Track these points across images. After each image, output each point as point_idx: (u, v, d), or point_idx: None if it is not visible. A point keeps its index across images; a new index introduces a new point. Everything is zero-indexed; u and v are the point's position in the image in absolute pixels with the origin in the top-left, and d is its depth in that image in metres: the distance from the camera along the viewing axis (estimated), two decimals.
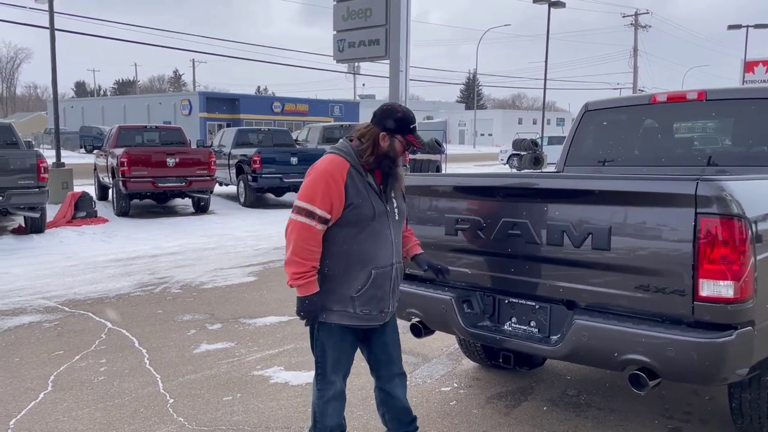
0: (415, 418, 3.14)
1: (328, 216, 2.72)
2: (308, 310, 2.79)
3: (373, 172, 2.84)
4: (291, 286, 2.76)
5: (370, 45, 15.70)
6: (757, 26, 33.05)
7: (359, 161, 2.81)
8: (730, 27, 33.79)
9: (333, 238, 2.78)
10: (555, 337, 3.12)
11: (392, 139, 2.82)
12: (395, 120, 2.81)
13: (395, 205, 2.91)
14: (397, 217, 2.91)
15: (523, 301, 3.30)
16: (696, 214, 2.67)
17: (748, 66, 30.50)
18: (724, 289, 2.64)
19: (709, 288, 2.66)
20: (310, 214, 2.69)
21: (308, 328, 2.93)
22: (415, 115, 2.91)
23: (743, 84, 27.69)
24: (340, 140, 2.96)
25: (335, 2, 14.53)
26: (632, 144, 4.84)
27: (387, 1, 14.71)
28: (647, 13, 52.56)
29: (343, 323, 2.83)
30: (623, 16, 48.77)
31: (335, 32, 13.82)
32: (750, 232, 2.68)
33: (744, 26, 33.17)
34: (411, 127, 2.84)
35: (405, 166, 3.08)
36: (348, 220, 2.76)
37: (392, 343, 3.05)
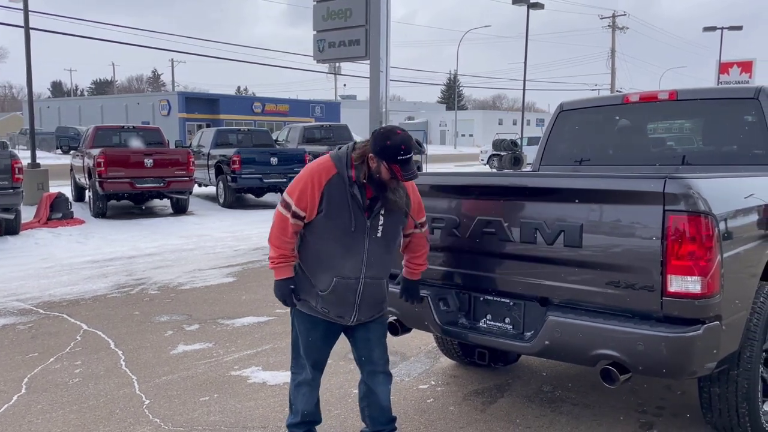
0: (393, 419, 3.15)
1: (303, 213, 2.80)
2: (277, 293, 2.94)
3: (364, 186, 2.81)
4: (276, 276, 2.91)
5: (351, 45, 15.71)
6: (731, 28, 33.63)
7: (348, 171, 2.78)
8: (705, 29, 34.33)
9: (307, 236, 2.89)
10: (529, 334, 3.17)
11: (379, 163, 2.75)
12: (383, 147, 2.73)
13: (380, 222, 2.85)
14: (379, 235, 2.86)
15: (498, 299, 3.33)
16: (664, 211, 2.72)
17: (723, 67, 31.03)
18: (692, 284, 2.70)
19: (677, 283, 2.72)
20: (287, 206, 2.82)
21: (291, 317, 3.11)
22: (410, 144, 2.75)
23: (718, 84, 28.16)
24: (349, 144, 2.92)
25: (315, 2, 14.53)
26: (606, 143, 4.91)
27: (367, 1, 14.73)
28: (624, 15, 53.27)
29: (308, 312, 2.95)
30: (601, 18, 49.32)
31: (315, 32, 13.80)
32: (717, 229, 2.74)
33: (719, 28, 33.72)
34: (398, 158, 2.71)
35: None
36: (319, 224, 2.82)
37: (375, 340, 3.07)
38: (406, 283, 3.27)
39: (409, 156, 2.75)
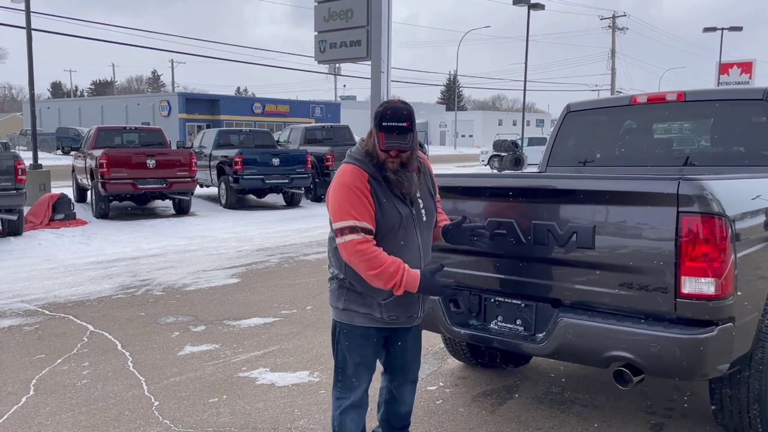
0: (407, 425, 3.08)
1: (369, 226, 2.54)
2: (432, 291, 2.57)
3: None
4: (401, 293, 2.58)
5: (352, 46, 15.73)
6: (731, 29, 33.63)
7: (375, 168, 2.60)
8: (705, 29, 34.33)
9: None
10: (541, 335, 3.16)
11: (374, 138, 2.57)
12: (375, 114, 2.56)
13: (422, 206, 2.71)
14: (424, 219, 2.72)
15: (509, 300, 3.33)
16: (678, 212, 2.72)
17: (723, 68, 31.05)
18: (706, 286, 2.70)
19: (690, 285, 2.72)
20: (353, 230, 2.51)
21: (330, 332, 2.84)
22: (400, 112, 2.52)
23: (718, 85, 28.18)
24: (351, 149, 2.72)
25: (316, 3, 14.56)
26: (613, 144, 4.92)
27: (368, 2, 14.76)
28: (624, 15, 53.30)
29: (369, 325, 2.70)
30: (601, 19, 49.32)
31: (316, 33, 13.84)
32: (730, 230, 2.74)
33: (719, 29, 33.73)
34: (383, 123, 2.51)
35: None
36: (376, 230, 2.58)
37: (411, 351, 2.92)
38: (452, 230, 2.90)
39: (394, 124, 2.50)
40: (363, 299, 2.67)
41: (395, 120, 2.51)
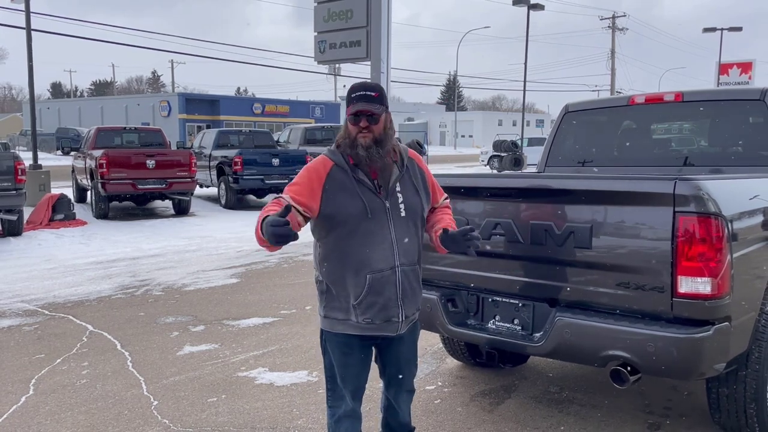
0: (412, 430, 2.99)
1: (295, 203, 2.45)
2: (268, 233, 2.23)
3: (368, 167, 2.54)
4: (269, 245, 2.31)
5: (351, 46, 15.73)
6: (731, 29, 33.63)
7: (345, 158, 2.54)
8: (705, 30, 34.34)
9: (326, 241, 2.59)
10: (538, 335, 3.17)
11: (346, 123, 2.55)
12: (346, 94, 2.57)
13: (400, 200, 2.57)
14: (403, 214, 2.57)
15: (507, 300, 3.34)
16: (674, 212, 2.74)
17: (723, 68, 31.04)
18: (702, 285, 2.71)
19: (687, 285, 2.74)
20: (278, 198, 2.51)
21: (319, 340, 2.75)
22: (367, 84, 2.55)
23: (718, 85, 28.18)
24: None
25: (316, 3, 14.54)
26: (611, 145, 4.93)
27: (368, 2, 14.75)
28: (624, 16, 53.33)
29: (348, 332, 2.59)
30: (601, 19, 49.33)
31: (316, 33, 13.84)
32: (727, 230, 2.75)
33: (719, 29, 33.73)
34: (352, 95, 2.51)
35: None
36: (335, 221, 2.52)
37: (405, 361, 2.78)
38: (449, 235, 2.67)
39: (361, 92, 2.50)
40: (338, 302, 2.59)
41: (363, 89, 2.52)
